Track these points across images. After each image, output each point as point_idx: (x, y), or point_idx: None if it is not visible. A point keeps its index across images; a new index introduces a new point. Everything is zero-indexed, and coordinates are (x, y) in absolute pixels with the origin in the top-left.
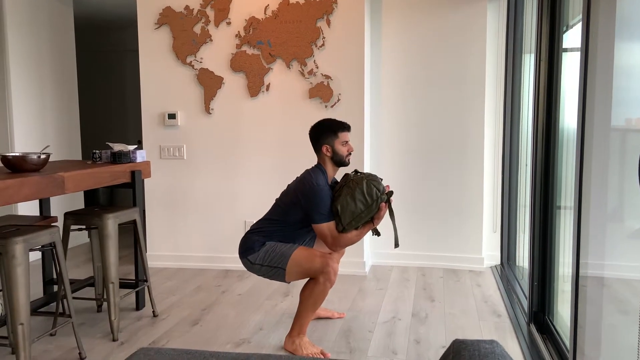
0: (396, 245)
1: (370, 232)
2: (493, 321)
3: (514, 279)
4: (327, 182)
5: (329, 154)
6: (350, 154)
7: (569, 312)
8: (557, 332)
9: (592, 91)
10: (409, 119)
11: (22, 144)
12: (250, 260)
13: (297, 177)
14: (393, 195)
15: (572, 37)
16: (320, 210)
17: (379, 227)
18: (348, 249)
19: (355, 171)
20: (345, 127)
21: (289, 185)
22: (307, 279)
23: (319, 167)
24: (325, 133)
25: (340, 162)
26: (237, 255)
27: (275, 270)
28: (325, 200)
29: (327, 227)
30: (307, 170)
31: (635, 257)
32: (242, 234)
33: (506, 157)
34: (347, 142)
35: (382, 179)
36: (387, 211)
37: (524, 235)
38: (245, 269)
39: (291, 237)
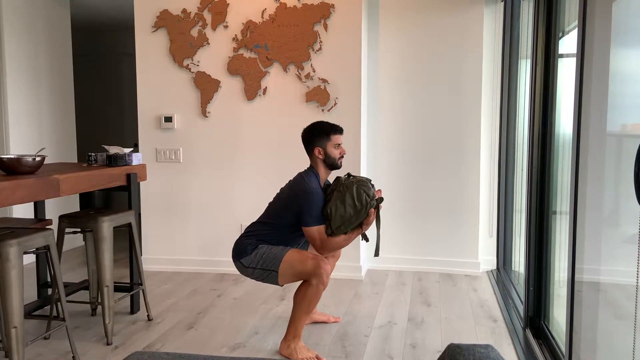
0: (376, 254)
1: (359, 237)
2: (489, 326)
3: (509, 284)
4: (319, 185)
5: (321, 157)
6: (342, 156)
7: (565, 317)
8: (553, 336)
9: (588, 97)
10: (406, 123)
11: (18, 146)
12: (244, 263)
13: (290, 180)
14: (383, 202)
15: (567, 43)
16: (312, 213)
17: (368, 233)
18: (345, 253)
19: (348, 174)
20: (337, 129)
21: (281, 188)
22: (300, 282)
23: (312, 170)
24: (317, 135)
25: (332, 164)
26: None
27: (268, 273)
28: (316, 203)
29: (316, 230)
30: (299, 173)
31: (631, 262)
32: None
33: (502, 161)
34: (339, 144)
35: (373, 185)
36: (375, 217)
37: (520, 239)
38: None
39: (284, 241)
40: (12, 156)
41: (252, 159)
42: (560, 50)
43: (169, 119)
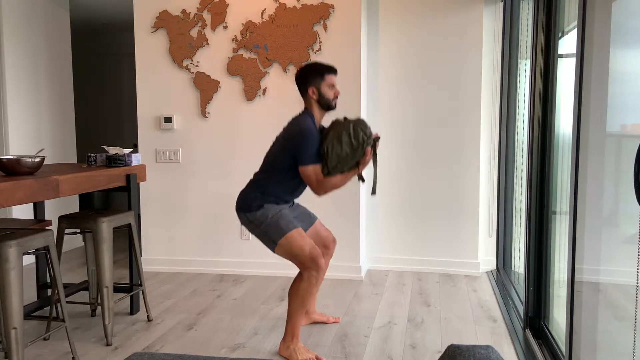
0: (373, 192)
1: (357, 179)
2: (489, 326)
3: (509, 284)
4: (314, 126)
5: (315, 97)
6: (337, 97)
7: (565, 317)
8: (553, 337)
9: (588, 97)
10: (405, 123)
11: (17, 147)
12: (248, 217)
13: (285, 126)
14: (379, 141)
15: (567, 43)
16: (307, 151)
17: (365, 177)
18: (345, 254)
19: (345, 118)
20: (332, 69)
21: (277, 136)
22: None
23: (307, 112)
24: (311, 75)
25: (327, 105)
26: (233, 260)
27: (267, 239)
28: (312, 142)
29: (312, 169)
30: (294, 116)
31: (631, 263)
32: (238, 239)
33: (502, 162)
34: (333, 85)
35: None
36: (372, 157)
37: (520, 240)
38: (241, 270)
39: (284, 189)
40: (12, 157)
41: (251, 159)
42: (560, 51)
43: (168, 120)
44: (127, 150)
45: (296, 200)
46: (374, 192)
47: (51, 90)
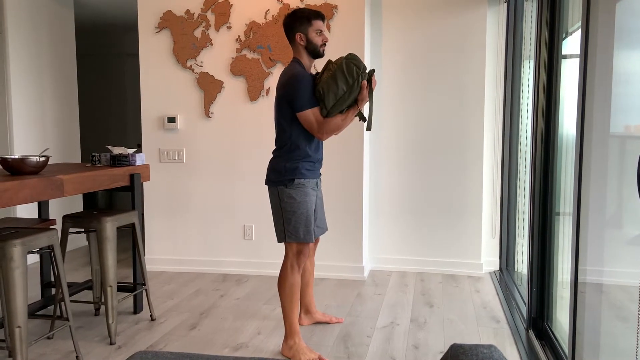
0: (368, 127)
1: (358, 119)
2: (492, 327)
3: (512, 285)
4: (305, 71)
5: (302, 43)
6: (325, 44)
7: (568, 319)
8: (556, 338)
9: (591, 98)
10: (409, 123)
11: (22, 146)
12: (279, 193)
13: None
14: (374, 73)
15: (571, 44)
16: (302, 95)
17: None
18: (347, 254)
19: (339, 58)
20: (319, 15)
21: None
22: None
23: (295, 60)
24: (298, 20)
25: (314, 51)
26: (236, 260)
27: (281, 227)
28: (305, 86)
29: (311, 112)
30: (284, 68)
31: (634, 264)
32: (241, 239)
33: (505, 162)
34: (321, 31)
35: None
36: (368, 91)
37: (523, 241)
38: (243, 270)
39: (304, 144)
40: (16, 156)
41: (255, 159)
42: (564, 51)
43: (172, 120)
44: (131, 150)
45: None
46: (369, 127)
47: (56, 90)
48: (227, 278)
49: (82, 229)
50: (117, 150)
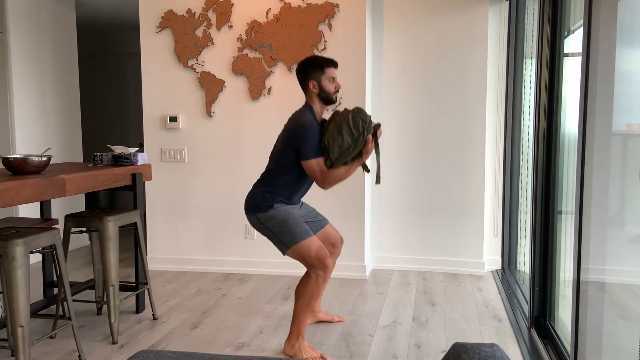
0: (377, 181)
1: (361, 169)
2: (494, 326)
3: (514, 284)
4: (315, 119)
5: (315, 91)
6: (337, 91)
7: (570, 317)
8: (558, 337)
9: (593, 96)
10: (410, 122)
11: (24, 146)
12: (259, 218)
13: (286, 122)
14: (380, 128)
15: (573, 42)
16: (309, 145)
17: (368, 166)
18: (349, 253)
19: (345, 109)
20: (332, 62)
21: (279, 134)
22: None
23: (307, 106)
24: (312, 68)
25: (327, 99)
26: (238, 259)
27: (278, 241)
28: (313, 136)
29: (315, 162)
30: (295, 112)
31: (636, 262)
32: (243, 238)
33: (507, 161)
34: (334, 78)
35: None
36: (374, 145)
37: (525, 239)
38: (245, 270)
39: (291, 186)
40: (18, 156)
41: (256, 158)
42: (566, 50)
43: (173, 119)
44: (132, 150)
45: (303, 199)
46: (378, 181)
47: (57, 89)
48: (229, 277)
49: (84, 229)
50: (118, 149)
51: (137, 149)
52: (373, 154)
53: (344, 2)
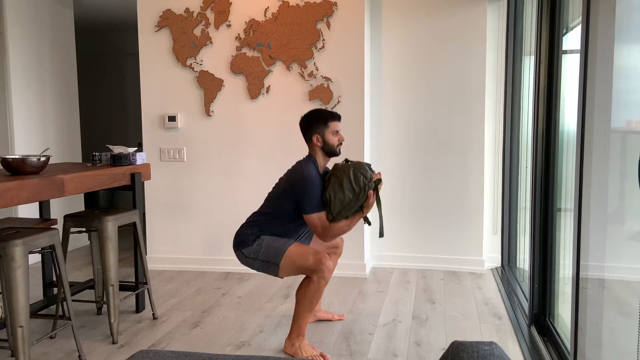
0: (381, 234)
1: (362, 223)
2: (494, 323)
3: (514, 281)
4: (318, 172)
5: (319, 144)
6: (341, 143)
7: (570, 314)
8: (558, 334)
9: (592, 93)
10: (409, 121)
11: (22, 146)
12: (245, 253)
13: (289, 169)
14: (381, 184)
15: (572, 39)
16: (311, 200)
17: (370, 217)
18: (349, 251)
19: (346, 160)
20: (335, 116)
21: (280, 177)
22: (301, 278)
23: (310, 158)
24: (315, 123)
25: (331, 152)
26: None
27: (269, 265)
28: (316, 190)
29: (317, 217)
30: (298, 162)
31: (636, 259)
32: None
33: (506, 159)
34: (337, 131)
35: (372, 169)
36: (375, 199)
37: (525, 237)
38: (246, 268)
39: (284, 231)
40: (17, 156)
41: (255, 157)
42: (565, 47)
43: (172, 119)
44: (131, 149)
45: None
46: (381, 234)
47: (56, 89)
48: (228, 276)
49: (84, 229)
50: (117, 149)
51: (136, 148)
52: (375, 206)
53: (343, 1)
